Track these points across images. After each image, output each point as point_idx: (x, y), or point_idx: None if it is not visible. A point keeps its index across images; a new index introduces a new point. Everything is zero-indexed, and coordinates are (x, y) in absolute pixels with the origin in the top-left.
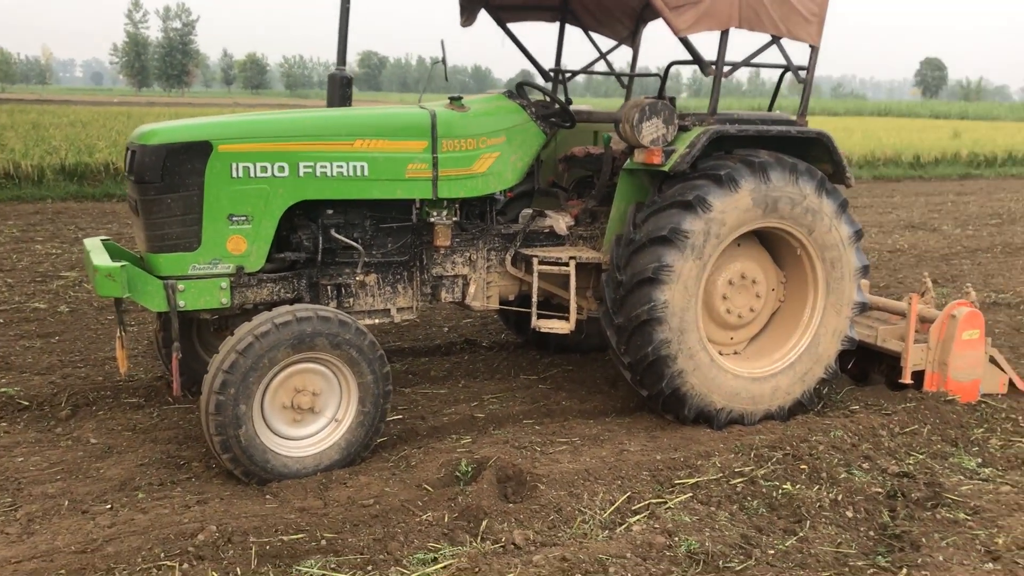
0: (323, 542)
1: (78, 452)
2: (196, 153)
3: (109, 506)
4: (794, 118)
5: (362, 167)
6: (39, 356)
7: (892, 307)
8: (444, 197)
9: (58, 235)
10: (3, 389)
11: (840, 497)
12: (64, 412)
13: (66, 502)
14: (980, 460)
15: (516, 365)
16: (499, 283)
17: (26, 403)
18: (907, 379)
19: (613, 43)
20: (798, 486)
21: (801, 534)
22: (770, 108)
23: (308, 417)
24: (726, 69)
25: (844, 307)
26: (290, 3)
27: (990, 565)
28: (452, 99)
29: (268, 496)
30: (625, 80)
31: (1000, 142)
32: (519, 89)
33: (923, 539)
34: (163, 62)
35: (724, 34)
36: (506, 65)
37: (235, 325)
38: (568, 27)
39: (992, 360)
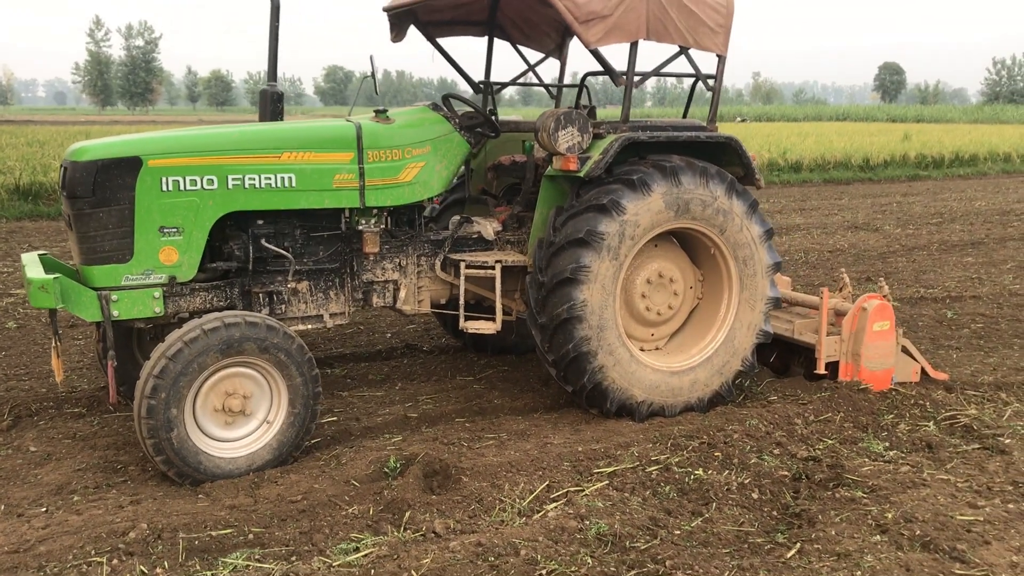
0: (250, 536)
1: (17, 460)
2: (126, 168)
3: (44, 509)
4: (704, 124)
5: (290, 178)
6: None
7: (809, 302)
8: (371, 206)
9: (11, 254)
10: None
11: (748, 480)
12: (5, 423)
13: (1, 507)
14: (887, 444)
15: (454, 367)
16: (430, 287)
17: None
18: (821, 370)
19: (541, 55)
20: (710, 471)
21: (707, 515)
22: (684, 115)
23: (240, 419)
24: (637, 79)
25: (758, 302)
26: (254, 20)
27: (878, 537)
28: (377, 112)
29: (200, 495)
30: (553, 91)
31: (948, 143)
32: (445, 101)
33: (819, 516)
34: (126, 80)
35: (633, 46)
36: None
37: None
38: (498, 40)
39: (904, 350)
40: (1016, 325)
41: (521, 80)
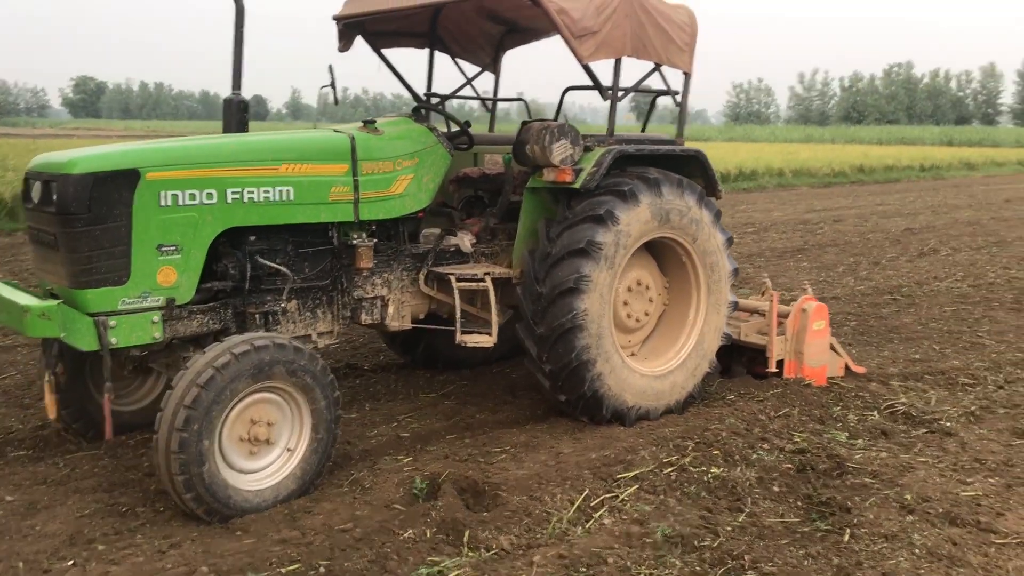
0: (322, 570)
1: None
2: (124, 182)
3: (71, 562)
4: (671, 139)
5: (288, 191)
6: None
7: (748, 306)
8: (365, 219)
9: None
10: None
11: (761, 475)
12: None
13: (20, 564)
14: (847, 433)
15: (414, 385)
16: (411, 303)
17: None
18: (773, 368)
19: (478, 69)
20: (722, 469)
21: (747, 510)
22: (643, 130)
23: (263, 448)
24: (620, 94)
25: (722, 307)
26: None
27: (911, 517)
28: (366, 123)
29: (238, 532)
30: (489, 104)
31: (730, 160)
32: (416, 112)
33: (848, 503)
34: None
35: (618, 62)
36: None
37: (156, 362)
38: (438, 54)
39: (831, 347)
40: (883, 323)
41: (460, 93)
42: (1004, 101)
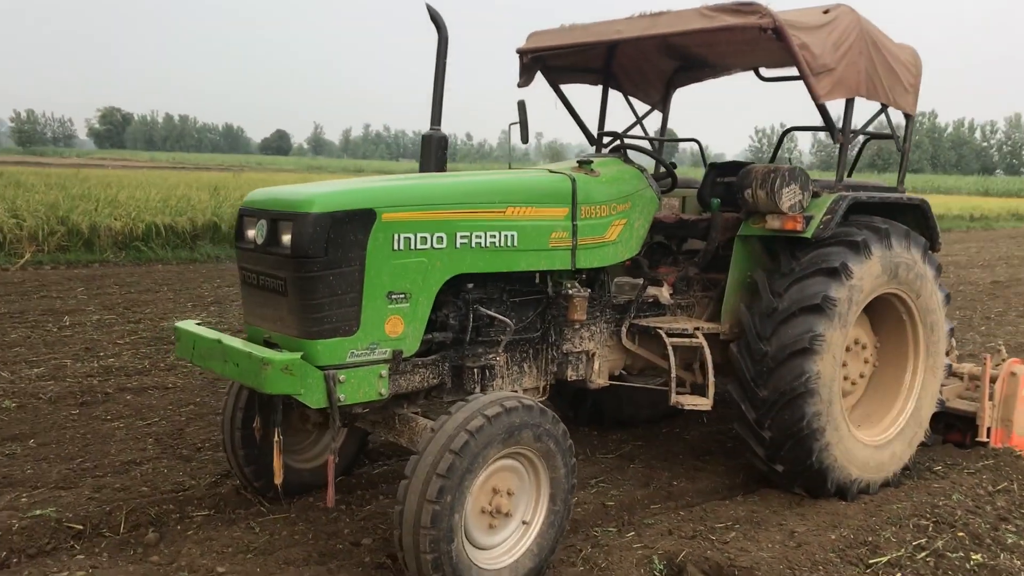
0: None
1: None
2: (360, 223)
3: None
4: (893, 186)
5: (512, 236)
6: (36, 466)
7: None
8: (581, 267)
9: None
10: (37, 512)
11: None
12: (151, 535)
13: None
14: None
15: (585, 444)
16: (610, 357)
17: (79, 527)
18: (983, 437)
19: (648, 108)
20: (982, 555)
21: None
22: (849, 175)
23: (501, 521)
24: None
25: (939, 370)
26: (20, 52)
27: None
28: (581, 162)
29: None
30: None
31: None
32: (616, 151)
33: None
34: None
35: (849, 102)
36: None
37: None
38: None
39: None
40: None
41: (631, 132)
42: None
